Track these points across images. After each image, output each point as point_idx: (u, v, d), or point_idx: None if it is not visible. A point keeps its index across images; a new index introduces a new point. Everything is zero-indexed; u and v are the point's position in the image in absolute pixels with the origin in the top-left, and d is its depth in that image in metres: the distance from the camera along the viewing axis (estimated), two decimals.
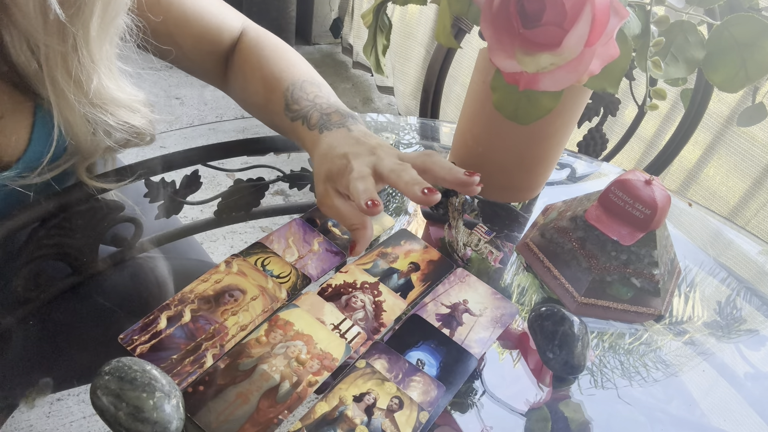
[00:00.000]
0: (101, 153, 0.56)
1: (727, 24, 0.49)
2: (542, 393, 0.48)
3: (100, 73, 0.48)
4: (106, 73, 0.49)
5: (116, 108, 0.51)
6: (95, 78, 0.47)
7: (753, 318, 0.60)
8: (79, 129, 0.51)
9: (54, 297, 0.48)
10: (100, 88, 0.48)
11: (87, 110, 0.49)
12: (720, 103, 1.23)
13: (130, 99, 0.52)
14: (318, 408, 0.42)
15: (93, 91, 0.48)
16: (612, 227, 0.53)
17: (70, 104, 0.48)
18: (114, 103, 0.51)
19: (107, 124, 0.51)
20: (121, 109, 0.52)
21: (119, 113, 0.52)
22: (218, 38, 0.63)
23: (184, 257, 0.66)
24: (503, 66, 0.45)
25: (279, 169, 0.68)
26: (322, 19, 2.43)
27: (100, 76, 0.48)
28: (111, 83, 0.50)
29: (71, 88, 0.47)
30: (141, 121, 0.54)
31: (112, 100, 0.50)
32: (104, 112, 0.50)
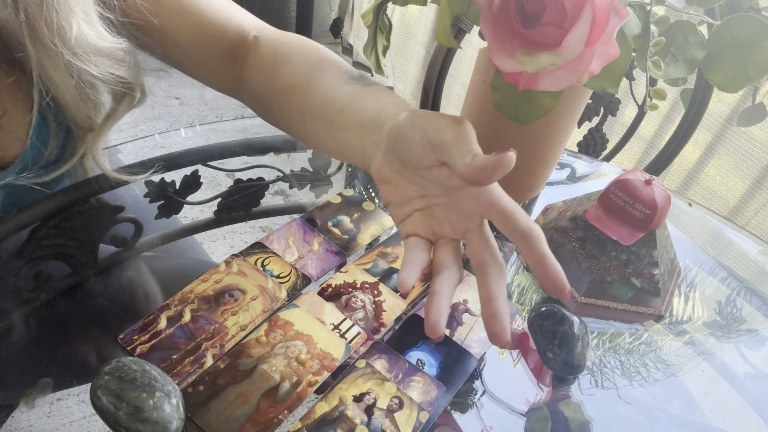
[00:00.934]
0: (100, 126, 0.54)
1: (727, 24, 0.49)
2: (542, 393, 0.48)
3: (79, 19, 0.45)
4: (84, 19, 0.46)
5: (99, 58, 0.48)
6: (75, 25, 0.45)
7: (753, 318, 0.60)
8: (64, 89, 0.48)
9: (54, 297, 0.48)
10: (81, 35, 0.46)
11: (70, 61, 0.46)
12: (720, 103, 1.23)
13: (112, 47, 0.49)
14: (318, 408, 0.42)
15: (74, 39, 0.45)
16: (612, 227, 0.53)
17: (52, 58, 0.46)
18: (97, 52, 0.48)
19: (92, 76, 0.48)
20: (104, 58, 0.49)
21: (103, 64, 0.49)
22: (221, 33, 0.56)
23: (184, 257, 0.66)
24: (503, 66, 0.45)
25: (279, 169, 0.68)
26: (322, 19, 2.43)
27: (80, 23, 0.45)
28: (91, 30, 0.47)
29: (54, 37, 0.44)
30: (128, 71, 0.51)
31: (95, 50, 0.47)
32: (88, 63, 0.47)
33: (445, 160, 0.35)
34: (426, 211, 0.39)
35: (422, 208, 0.40)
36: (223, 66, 0.57)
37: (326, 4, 2.41)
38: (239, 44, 0.56)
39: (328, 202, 0.62)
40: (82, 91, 0.50)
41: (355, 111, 0.43)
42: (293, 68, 0.50)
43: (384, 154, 0.40)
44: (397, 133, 0.38)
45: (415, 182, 0.39)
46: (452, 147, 0.35)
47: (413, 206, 0.40)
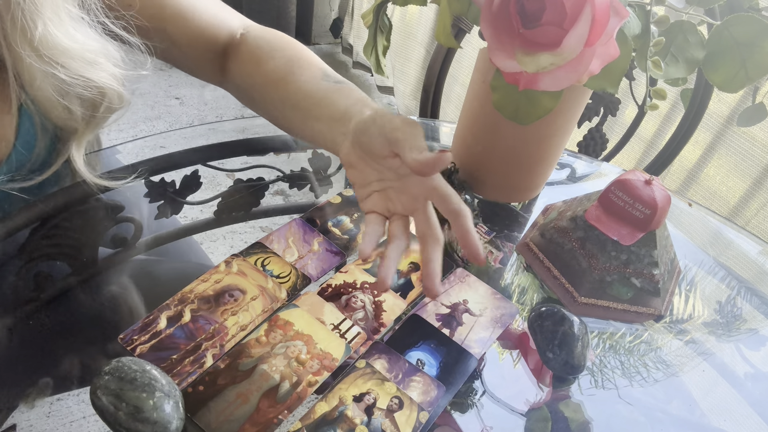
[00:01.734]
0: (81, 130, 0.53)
1: (727, 24, 0.49)
2: (542, 393, 0.48)
3: (45, 18, 0.44)
4: (52, 19, 0.45)
5: (68, 60, 0.47)
6: (40, 25, 0.44)
7: (753, 318, 0.60)
8: (38, 91, 0.48)
9: (54, 297, 0.48)
10: (47, 35, 0.45)
11: (35, 63, 0.45)
12: (720, 103, 1.23)
13: (83, 49, 0.48)
14: (318, 408, 0.42)
15: (38, 39, 0.44)
16: (612, 227, 0.53)
17: (23, 59, 0.45)
18: (65, 53, 0.47)
19: (59, 79, 0.47)
20: (75, 61, 0.48)
21: (72, 66, 0.48)
22: (215, 36, 0.60)
23: (183, 258, 0.66)
24: (503, 66, 0.45)
25: (279, 169, 0.68)
26: (322, 19, 2.43)
27: (45, 22, 0.44)
28: (59, 30, 0.46)
29: (19, 38, 0.44)
30: (101, 74, 0.50)
31: (63, 50, 0.46)
32: (54, 64, 0.46)
33: (398, 153, 0.42)
34: (383, 192, 0.46)
35: (380, 190, 0.46)
36: (214, 62, 0.62)
37: (326, 4, 2.41)
38: (228, 42, 0.61)
39: (328, 202, 0.62)
40: (58, 93, 0.49)
41: (328, 106, 0.51)
42: (274, 64, 0.56)
43: (350, 143, 0.46)
44: (362, 127, 0.45)
45: (375, 168, 0.46)
46: (404, 143, 0.41)
47: (372, 188, 0.47)
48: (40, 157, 0.53)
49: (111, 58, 0.51)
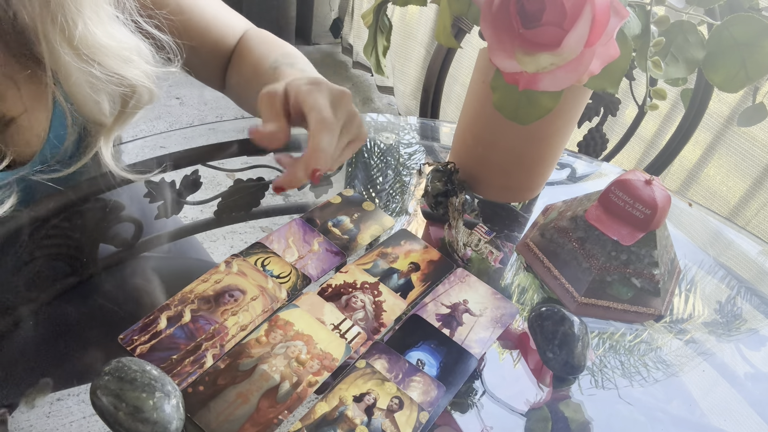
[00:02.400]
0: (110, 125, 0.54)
1: (727, 24, 0.49)
2: (542, 393, 0.48)
3: (85, 17, 0.46)
4: (92, 18, 0.46)
5: (104, 57, 0.48)
6: (80, 23, 0.45)
7: (753, 318, 0.60)
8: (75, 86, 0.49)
9: (54, 297, 0.48)
10: (86, 33, 0.46)
11: (73, 60, 0.47)
12: (720, 103, 1.23)
13: (119, 47, 0.49)
14: (318, 408, 0.42)
15: (78, 38, 0.45)
16: (612, 227, 0.53)
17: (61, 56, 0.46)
18: (102, 51, 0.48)
19: (95, 77, 0.49)
20: (111, 58, 0.49)
21: (108, 63, 0.49)
22: (229, 43, 0.66)
23: (184, 257, 0.66)
24: (503, 66, 0.45)
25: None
26: (322, 19, 2.43)
27: (86, 21, 0.46)
28: (98, 29, 0.47)
29: (60, 35, 0.45)
30: (134, 72, 0.52)
31: (100, 48, 0.48)
32: (91, 61, 0.47)
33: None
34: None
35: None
36: (223, 68, 0.67)
37: (326, 4, 2.41)
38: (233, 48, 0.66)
39: (328, 202, 0.62)
40: (91, 89, 0.50)
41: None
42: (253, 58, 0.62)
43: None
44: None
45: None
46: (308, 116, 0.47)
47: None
48: (69, 149, 0.55)
49: (143, 56, 0.53)
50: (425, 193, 0.63)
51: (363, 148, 0.74)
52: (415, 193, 0.67)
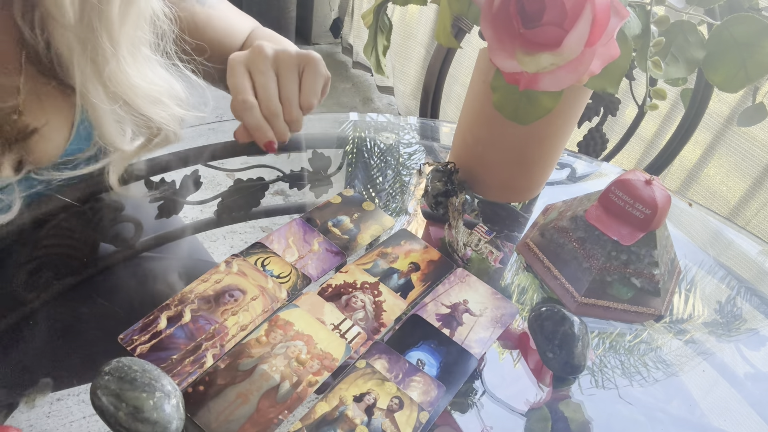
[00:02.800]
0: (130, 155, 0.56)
1: (727, 24, 0.49)
2: (542, 393, 0.48)
3: (119, 56, 0.46)
4: (126, 58, 0.47)
5: (133, 96, 0.49)
6: (113, 61, 0.46)
7: (753, 318, 0.60)
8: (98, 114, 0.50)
9: (54, 297, 0.48)
10: (118, 72, 0.47)
11: (101, 97, 0.48)
12: (720, 103, 1.23)
13: (150, 88, 0.51)
14: (318, 408, 0.42)
15: (108, 75, 0.46)
16: (612, 227, 0.53)
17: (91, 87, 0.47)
18: (132, 90, 0.49)
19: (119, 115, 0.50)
20: (139, 98, 0.50)
21: (136, 102, 0.50)
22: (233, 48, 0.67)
23: (184, 257, 0.66)
24: (503, 66, 0.45)
25: (279, 169, 0.68)
26: (322, 19, 2.43)
27: (119, 60, 0.47)
28: (131, 69, 0.48)
29: (89, 72, 0.46)
30: (161, 114, 0.53)
31: (130, 87, 0.49)
32: (118, 98, 0.48)
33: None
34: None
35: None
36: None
37: (326, 4, 2.41)
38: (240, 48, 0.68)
39: (328, 202, 0.62)
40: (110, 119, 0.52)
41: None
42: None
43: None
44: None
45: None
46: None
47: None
48: (81, 159, 0.57)
49: (175, 98, 0.54)
50: (425, 193, 0.63)
51: (363, 148, 0.74)
52: (415, 193, 0.67)
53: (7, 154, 0.49)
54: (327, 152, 0.72)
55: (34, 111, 0.52)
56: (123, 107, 0.50)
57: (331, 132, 0.76)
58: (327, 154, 0.71)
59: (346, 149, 0.74)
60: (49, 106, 0.53)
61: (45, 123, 0.52)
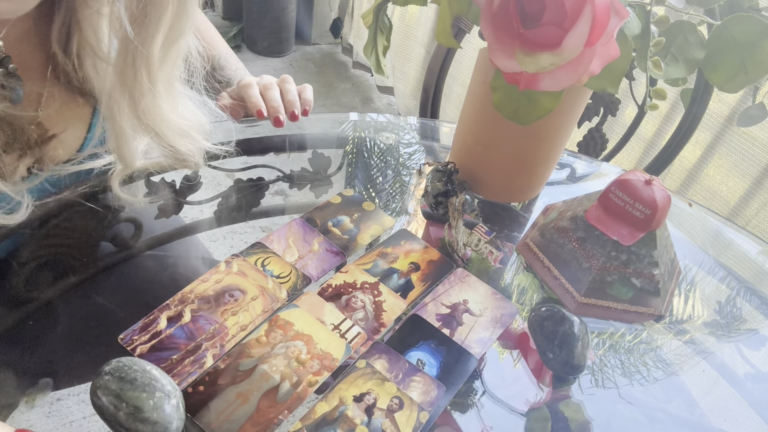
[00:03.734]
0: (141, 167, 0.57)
1: (727, 24, 0.49)
2: (542, 393, 0.48)
3: (155, 92, 0.48)
4: (162, 94, 0.49)
5: (164, 129, 0.51)
6: (149, 97, 0.48)
7: (753, 318, 0.60)
8: (124, 142, 0.51)
9: (54, 297, 0.48)
10: (152, 106, 0.49)
11: (134, 128, 0.49)
12: (720, 103, 1.22)
13: (182, 122, 0.53)
14: (318, 408, 0.42)
15: (142, 110, 0.48)
16: (612, 227, 0.53)
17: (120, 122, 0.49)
18: (163, 123, 0.51)
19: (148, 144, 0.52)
20: (170, 130, 0.52)
21: (167, 134, 0.52)
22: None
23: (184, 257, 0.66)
24: (503, 66, 0.45)
25: (279, 169, 0.68)
26: (322, 19, 2.43)
27: (155, 96, 0.48)
28: (164, 103, 0.50)
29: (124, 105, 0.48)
30: (189, 146, 0.55)
31: (162, 120, 0.51)
32: (149, 130, 0.50)
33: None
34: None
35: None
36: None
37: (326, 4, 2.41)
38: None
39: (328, 202, 0.62)
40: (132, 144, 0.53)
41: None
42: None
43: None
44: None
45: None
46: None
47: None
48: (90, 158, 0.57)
49: (202, 131, 0.56)
50: (425, 193, 0.63)
51: (363, 147, 0.74)
52: (415, 193, 0.67)
53: (23, 159, 0.50)
54: (327, 152, 0.72)
55: (54, 119, 0.53)
56: (154, 138, 0.51)
57: (331, 132, 0.76)
58: (327, 154, 0.71)
59: (346, 149, 0.74)
60: (68, 113, 0.54)
61: (63, 130, 0.53)
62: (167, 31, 0.45)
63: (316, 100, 2.14)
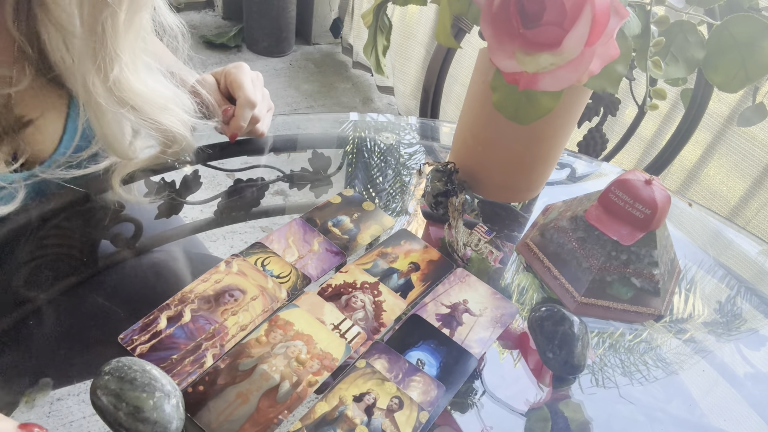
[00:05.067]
0: (137, 162, 0.57)
1: (727, 24, 0.49)
2: (542, 393, 0.48)
3: (123, 63, 0.48)
4: (129, 65, 0.49)
5: (140, 102, 0.51)
6: (117, 67, 0.48)
7: (753, 318, 0.60)
8: (108, 127, 0.51)
9: (54, 297, 0.48)
10: (121, 78, 0.49)
11: (109, 102, 0.49)
12: (720, 103, 1.22)
13: (155, 94, 0.52)
14: (318, 408, 0.42)
15: (113, 80, 0.48)
16: (612, 227, 0.53)
17: (93, 98, 0.49)
18: (137, 97, 0.51)
19: (129, 120, 0.52)
20: (146, 104, 0.52)
21: (144, 108, 0.52)
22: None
23: (184, 257, 0.66)
24: (503, 66, 0.45)
25: (279, 169, 0.68)
26: (322, 19, 2.43)
27: (122, 67, 0.48)
28: (132, 75, 0.50)
29: (95, 78, 0.48)
30: (170, 119, 0.54)
31: (135, 94, 0.51)
32: (124, 105, 0.50)
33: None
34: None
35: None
36: None
37: (326, 4, 2.41)
38: None
39: (328, 202, 0.62)
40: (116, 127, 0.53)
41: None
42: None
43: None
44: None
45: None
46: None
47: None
48: (84, 159, 0.57)
49: (182, 106, 0.56)
50: (425, 193, 0.63)
51: (363, 147, 0.74)
52: (415, 193, 0.67)
53: (1, 146, 0.50)
54: (327, 152, 0.72)
55: (28, 103, 0.52)
56: (132, 113, 0.51)
57: (331, 132, 0.76)
58: (327, 154, 0.71)
59: (346, 149, 0.74)
60: (43, 99, 0.53)
61: (39, 115, 0.53)
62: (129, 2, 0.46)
63: (317, 99, 2.15)
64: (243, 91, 0.63)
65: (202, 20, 2.40)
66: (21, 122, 0.52)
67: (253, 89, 0.64)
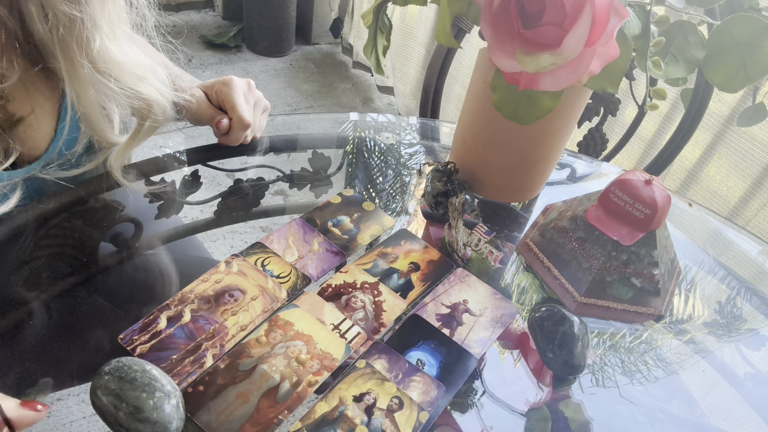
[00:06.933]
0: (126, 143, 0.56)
1: (727, 24, 0.49)
2: (542, 393, 0.48)
3: (103, 33, 0.48)
4: (108, 35, 0.49)
5: (120, 72, 0.51)
6: (98, 38, 0.48)
7: (753, 318, 0.60)
8: (86, 101, 0.51)
9: (54, 297, 0.48)
10: (103, 48, 0.49)
11: (92, 75, 0.49)
12: (720, 103, 1.22)
13: (134, 64, 0.53)
14: (318, 408, 0.42)
15: (96, 52, 0.48)
16: (612, 227, 0.53)
17: (77, 69, 0.49)
18: (118, 66, 0.51)
19: (111, 90, 0.52)
20: (126, 74, 0.52)
21: (124, 78, 0.52)
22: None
23: (184, 257, 0.66)
24: (503, 66, 0.45)
25: (279, 169, 0.68)
26: (322, 19, 2.43)
27: (102, 37, 0.49)
28: (113, 45, 0.50)
29: (80, 50, 0.48)
30: (148, 88, 0.54)
31: (116, 64, 0.51)
32: (107, 76, 0.50)
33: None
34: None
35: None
36: None
37: (326, 4, 2.41)
38: None
39: (328, 202, 0.62)
40: (103, 105, 0.53)
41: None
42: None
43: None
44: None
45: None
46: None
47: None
48: (76, 154, 0.58)
49: (158, 77, 0.56)
50: (425, 193, 0.63)
51: (363, 148, 0.74)
52: (415, 193, 0.67)
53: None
54: (327, 152, 0.72)
55: (20, 98, 0.52)
56: (114, 83, 0.51)
57: (331, 132, 0.76)
58: (327, 154, 0.71)
59: (346, 149, 0.74)
60: (35, 94, 0.53)
61: (31, 111, 0.53)
62: None
63: (317, 99, 2.15)
64: (236, 113, 0.63)
65: (202, 20, 2.40)
66: (12, 120, 0.52)
67: (246, 107, 0.64)
